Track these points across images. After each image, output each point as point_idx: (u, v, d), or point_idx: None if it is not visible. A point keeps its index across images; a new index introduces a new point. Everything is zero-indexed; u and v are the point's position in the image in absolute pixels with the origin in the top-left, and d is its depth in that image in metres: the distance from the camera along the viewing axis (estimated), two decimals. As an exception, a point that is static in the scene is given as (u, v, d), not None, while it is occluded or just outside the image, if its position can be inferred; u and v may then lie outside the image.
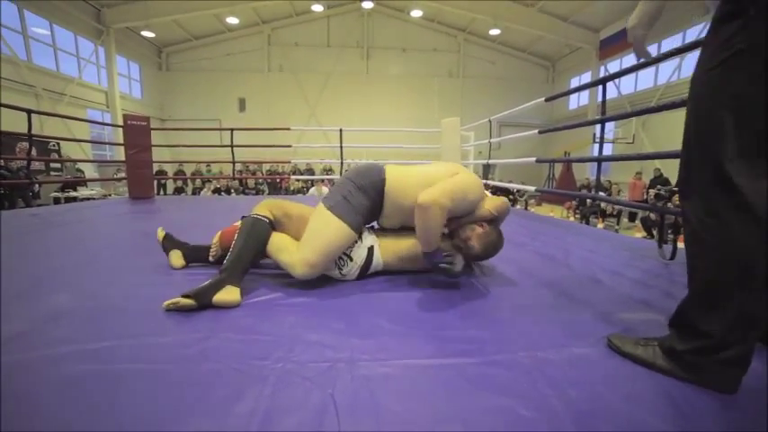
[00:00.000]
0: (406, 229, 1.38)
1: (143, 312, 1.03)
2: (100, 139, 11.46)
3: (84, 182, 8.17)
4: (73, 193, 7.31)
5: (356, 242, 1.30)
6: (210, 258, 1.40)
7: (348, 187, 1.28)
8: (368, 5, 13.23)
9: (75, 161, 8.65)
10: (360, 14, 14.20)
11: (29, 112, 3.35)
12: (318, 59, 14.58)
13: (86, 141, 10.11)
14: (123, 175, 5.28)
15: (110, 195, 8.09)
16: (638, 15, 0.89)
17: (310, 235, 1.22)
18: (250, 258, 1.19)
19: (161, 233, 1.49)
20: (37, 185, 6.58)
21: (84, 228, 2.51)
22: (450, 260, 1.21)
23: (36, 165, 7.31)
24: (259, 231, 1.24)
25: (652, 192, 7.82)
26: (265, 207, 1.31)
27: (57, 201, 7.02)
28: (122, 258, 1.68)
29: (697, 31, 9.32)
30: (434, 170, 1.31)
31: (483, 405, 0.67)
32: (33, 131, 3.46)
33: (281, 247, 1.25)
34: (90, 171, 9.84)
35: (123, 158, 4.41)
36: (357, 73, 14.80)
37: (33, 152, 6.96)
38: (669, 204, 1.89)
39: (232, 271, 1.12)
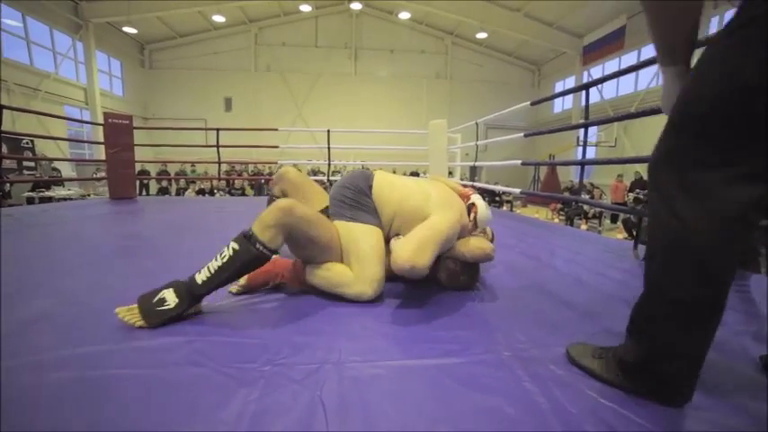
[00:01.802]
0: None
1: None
2: (78, 137, 11.07)
3: (60, 181, 7.88)
4: (48, 193, 7.04)
5: None
6: (233, 290, 1.20)
7: (348, 195, 1.25)
8: (356, 7, 13.24)
9: (51, 159, 8.31)
10: (348, 15, 14.19)
11: (0, 107, 3.20)
12: (306, 60, 14.49)
13: (63, 139, 9.73)
14: (103, 174, 5.12)
15: (89, 195, 7.83)
16: (664, 101, 0.76)
17: (357, 251, 1.15)
18: (219, 285, 1.02)
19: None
20: (8, 185, 6.30)
21: (62, 229, 2.43)
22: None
23: (8, 163, 7.01)
24: (248, 268, 1.04)
25: (632, 195, 8.06)
26: (275, 218, 1.02)
27: (30, 201, 6.73)
28: (104, 261, 1.63)
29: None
30: (418, 191, 1.27)
31: (470, 405, 0.68)
32: (4, 128, 3.31)
33: (338, 282, 1.15)
34: (67, 170, 9.50)
35: (103, 157, 4.28)
36: (345, 74, 14.78)
37: (4, 149, 6.68)
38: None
39: (200, 286, 0.99)
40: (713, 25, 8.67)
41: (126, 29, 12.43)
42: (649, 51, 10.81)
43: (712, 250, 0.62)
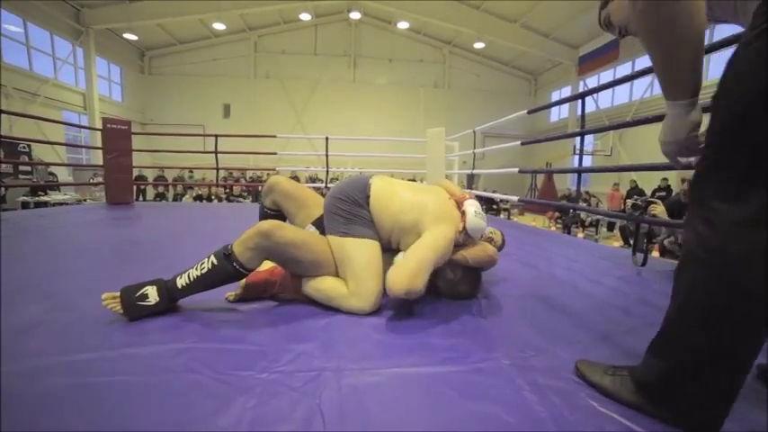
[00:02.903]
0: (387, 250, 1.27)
1: (122, 323, 0.99)
2: (76, 142, 11.04)
3: (56, 186, 7.83)
4: (43, 198, 6.99)
5: None
6: (229, 298, 1.19)
7: (343, 207, 1.21)
8: (355, 16, 13.40)
9: (48, 164, 8.27)
10: (347, 24, 14.36)
11: None
12: (305, 67, 14.61)
13: (60, 144, 9.69)
14: (100, 179, 5.09)
15: (85, 200, 7.78)
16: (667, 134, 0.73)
17: (352, 268, 1.14)
18: (196, 292, 1.07)
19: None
20: (3, 189, 6.26)
21: (58, 234, 2.41)
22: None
23: (3, 167, 6.97)
24: (224, 282, 1.08)
25: (630, 202, 8.11)
26: (254, 242, 1.04)
27: (25, 205, 6.68)
28: (99, 267, 1.62)
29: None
30: (415, 203, 1.23)
31: (469, 412, 0.68)
32: (2, 132, 3.31)
33: (333, 296, 1.14)
34: (64, 175, 9.45)
35: (101, 162, 4.27)
36: (344, 81, 14.89)
37: (1, 154, 6.65)
38: (645, 215, 1.99)
39: (179, 290, 1.05)
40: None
41: (126, 35, 12.52)
42: (644, 62, 10.99)
43: (749, 264, 0.58)
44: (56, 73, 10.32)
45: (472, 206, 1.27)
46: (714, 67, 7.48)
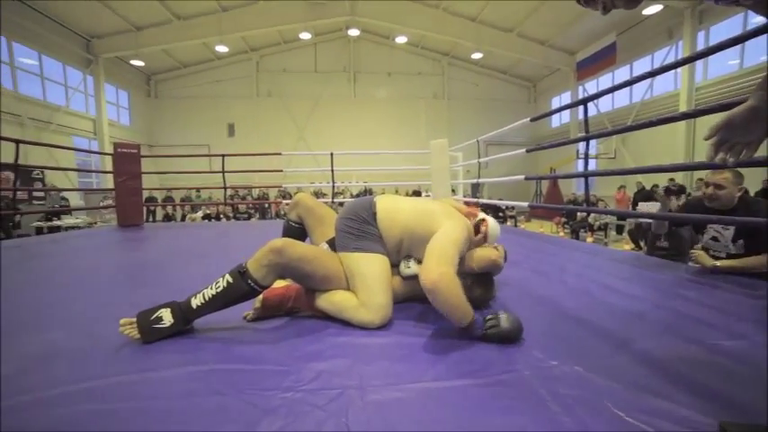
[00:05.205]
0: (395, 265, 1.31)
1: (140, 347, 1.00)
2: (86, 167, 11.31)
3: (69, 210, 8.00)
4: (56, 222, 7.13)
5: None
6: (248, 317, 1.21)
7: (352, 225, 1.27)
8: (354, 33, 13.71)
9: (60, 190, 8.49)
10: (346, 41, 14.69)
11: (17, 142, 3.32)
12: (306, 84, 14.91)
13: (72, 170, 9.97)
14: (110, 202, 5.19)
15: (95, 223, 7.91)
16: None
17: (362, 282, 1.17)
18: (211, 312, 1.09)
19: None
20: (18, 215, 6.40)
21: (74, 258, 2.45)
22: (494, 321, 1.03)
23: (18, 194, 7.15)
24: (239, 300, 1.10)
25: (646, 205, 7.88)
26: (267, 259, 1.06)
27: (39, 230, 6.82)
28: (117, 290, 1.65)
29: (663, 54, 9.96)
30: (423, 209, 1.29)
31: (495, 426, 0.68)
32: (19, 161, 3.42)
33: (344, 308, 1.16)
34: (75, 199, 9.65)
35: (111, 186, 4.36)
36: (344, 97, 15.15)
37: (17, 182, 6.84)
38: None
39: (194, 310, 1.06)
40: (700, 41, 8.87)
41: (133, 62, 12.93)
42: (641, 65, 11.07)
43: None
44: (67, 101, 10.68)
45: (487, 217, 1.37)
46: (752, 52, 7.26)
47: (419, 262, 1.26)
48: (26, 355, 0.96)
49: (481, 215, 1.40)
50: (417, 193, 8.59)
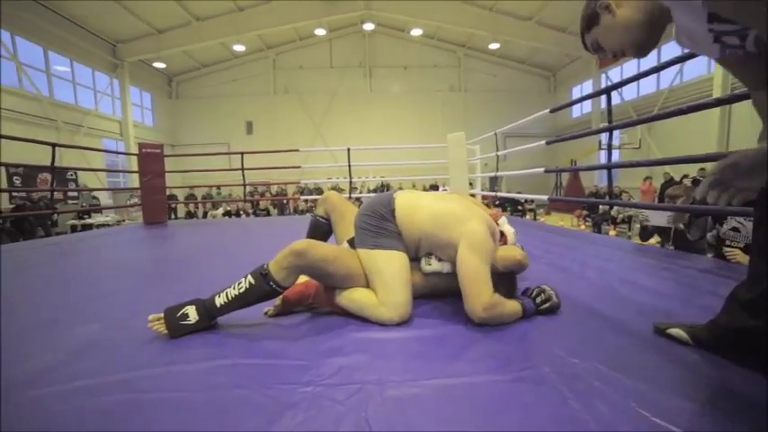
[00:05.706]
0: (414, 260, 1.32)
1: (167, 341, 1.05)
2: (114, 167, 11.84)
3: (100, 209, 8.41)
4: (89, 221, 7.51)
5: None
6: (268, 312, 1.25)
7: (370, 222, 1.27)
8: (369, 27, 13.64)
9: (92, 190, 8.94)
10: (361, 36, 14.63)
11: (53, 145, 3.50)
12: (322, 80, 14.97)
13: (103, 171, 10.47)
14: (136, 200, 5.41)
15: (123, 221, 8.27)
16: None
17: (381, 279, 1.17)
18: (234, 310, 1.13)
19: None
20: (55, 214, 6.79)
21: (107, 255, 2.58)
22: (544, 297, 1.18)
23: (55, 194, 7.57)
24: (261, 300, 1.14)
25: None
26: (288, 262, 1.09)
27: (74, 228, 7.21)
28: (146, 286, 1.72)
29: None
30: (442, 209, 1.27)
31: (515, 423, 0.67)
32: (54, 163, 3.61)
33: (364, 305, 1.17)
34: (104, 198, 10.12)
35: (137, 185, 4.54)
36: (360, 92, 15.13)
37: (54, 182, 7.25)
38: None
39: (218, 308, 1.10)
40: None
41: (156, 64, 13.34)
42: (670, 49, 10.52)
43: None
44: (96, 104, 11.18)
45: (506, 224, 1.37)
46: None
47: (439, 259, 1.28)
48: (66, 347, 1.02)
49: (501, 222, 1.36)
50: (435, 188, 8.53)
